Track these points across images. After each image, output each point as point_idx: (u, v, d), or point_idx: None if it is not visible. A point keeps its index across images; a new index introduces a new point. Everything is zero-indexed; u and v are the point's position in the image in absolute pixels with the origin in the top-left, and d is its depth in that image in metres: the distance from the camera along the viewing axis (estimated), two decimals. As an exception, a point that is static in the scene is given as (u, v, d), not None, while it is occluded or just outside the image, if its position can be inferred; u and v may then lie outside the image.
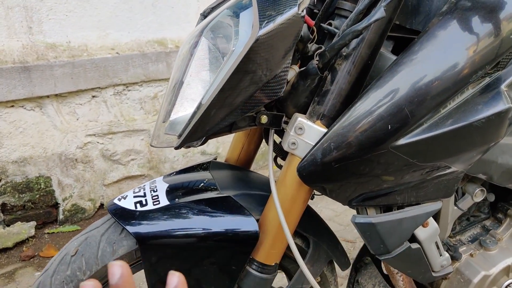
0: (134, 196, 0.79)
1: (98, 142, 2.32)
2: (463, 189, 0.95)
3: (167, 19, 2.46)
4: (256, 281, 0.79)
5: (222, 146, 2.85)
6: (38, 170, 2.15)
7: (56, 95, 2.15)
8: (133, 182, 2.51)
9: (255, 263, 0.79)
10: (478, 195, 0.93)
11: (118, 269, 0.31)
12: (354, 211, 0.83)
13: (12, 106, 2.04)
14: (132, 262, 0.77)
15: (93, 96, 2.27)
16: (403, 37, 0.80)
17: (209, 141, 2.73)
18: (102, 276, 0.75)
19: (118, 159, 2.41)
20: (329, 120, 0.71)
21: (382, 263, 1.08)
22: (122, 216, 0.75)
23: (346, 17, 0.77)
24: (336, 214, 2.26)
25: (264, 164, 3.02)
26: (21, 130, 2.08)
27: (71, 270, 0.74)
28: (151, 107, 2.49)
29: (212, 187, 0.82)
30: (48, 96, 2.13)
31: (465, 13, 0.67)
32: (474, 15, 0.66)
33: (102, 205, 2.40)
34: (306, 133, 0.71)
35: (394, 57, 0.77)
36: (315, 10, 0.83)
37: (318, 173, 0.70)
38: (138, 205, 0.77)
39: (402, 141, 0.67)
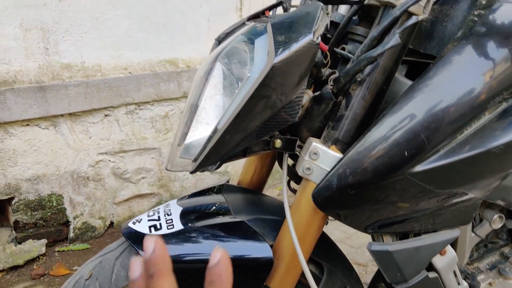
0: (149, 220, 0.79)
1: (109, 161, 2.33)
2: (481, 216, 0.93)
3: (178, 39, 2.50)
4: (270, 309, 0.77)
5: (231, 165, 2.85)
6: (50, 188, 2.17)
7: (70, 114, 2.17)
8: (143, 200, 2.51)
9: (269, 290, 0.77)
10: (496, 221, 0.91)
11: (151, 243, 0.30)
12: (365, 234, 0.81)
13: (28, 124, 2.07)
14: (145, 287, 0.76)
15: (106, 115, 2.30)
16: (417, 61, 0.80)
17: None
18: (115, 302, 0.75)
19: (129, 177, 2.42)
20: (344, 146, 0.71)
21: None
22: (137, 240, 0.75)
23: (359, 42, 0.77)
24: (347, 236, 2.23)
25: (273, 183, 3.00)
26: (35, 148, 2.11)
27: (84, 295, 0.73)
28: (162, 125, 2.51)
29: (225, 211, 0.82)
30: (62, 115, 2.16)
31: (480, 39, 0.66)
32: (490, 41, 0.66)
33: (112, 223, 2.40)
34: (321, 158, 0.71)
35: (408, 81, 0.76)
36: (328, 35, 0.83)
37: (334, 200, 0.69)
38: (152, 229, 0.76)
39: (418, 168, 0.66)
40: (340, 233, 2.24)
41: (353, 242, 2.18)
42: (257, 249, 0.75)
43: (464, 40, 0.67)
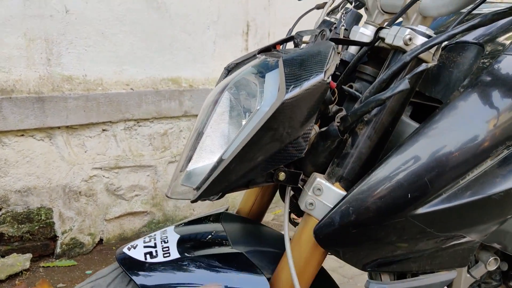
0: (145, 246, 0.78)
1: (103, 176, 2.32)
2: (477, 257, 0.93)
3: (183, 59, 2.52)
4: None
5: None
6: (40, 200, 2.14)
7: (67, 126, 2.17)
8: (135, 218, 2.48)
9: (264, 325, 0.76)
10: (491, 263, 0.91)
11: None
12: None
13: (22, 135, 2.06)
14: (138, 315, 0.75)
15: (104, 130, 2.29)
16: (422, 103, 0.82)
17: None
18: (107, 329, 0.73)
19: (122, 194, 2.39)
20: (348, 183, 0.71)
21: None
22: (131, 266, 0.73)
23: (367, 81, 0.79)
24: (339, 266, 2.21)
25: (269, 207, 2.99)
26: (28, 159, 2.09)
27: (75, 321, 0.72)
28: (160, 143, 2.51)
29: (223, 240, 0.81)
30: (59, 127, 2.15)
31: (486, 88, 0.68)
32: (495, 90, 0.67)
33: (101, 240, 2.37)
34: (325, 194, 0.71)
35: (413, 123, 0.78)
36: (336, 72, 0.85)
37: (335, 237, 0.69)
38: (148, 256, 0.75)
39: (420, 210, 0.67)
40: (333, 262, 2.22)
41: (345, 272, 2.16)
42: (254, 282, 0.74)
43: (470, 88, 0.68)
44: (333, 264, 2.22)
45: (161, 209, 2.56)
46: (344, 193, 0.70)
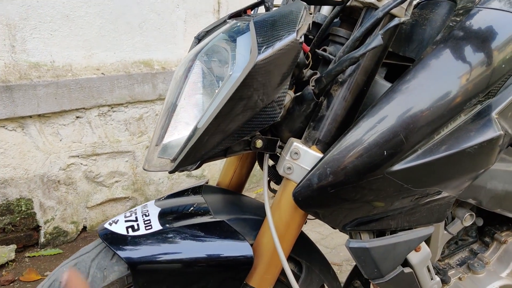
0: (126, 221, 0.77)
1: (81, 164, 2.27)
2: (453, 214, 0.96)
3: (153, 40, 2.47)
4: (250, 307, 0.77)
5: (208, 168, 2.83)
6: (19, 192, 2.09)
7: (39, 115, 2.11)
8: (117, 204, 2.46)
9: (249, 289, 0.77)
10: (467, 219, 0.94)
11: None
12: (341, 234, 0.83)
13: (-7, 126, 1.99)
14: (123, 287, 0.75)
15: (77, 117, 2.24)
16: (396, 64, 0.82)
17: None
18: (91, 305, 0.73)
19: (102, 181, 2.36)
20: (325, 145, 0.72)
21: (371, 286, 1.08)
22: (114, 241, 0.73)
23: (341, 43, 0.79)
24: (322, 237, 2.25)
25: (250, 187, 3.00)
26: (1, 151, 2.03)
27: (59, 298, 0.71)
28: (136, 128, 2.47)
29: (205, 211, 0.81)
30: (30, 116, 2.08)
31: (458, 43, 0.69)
32: (467, 45, 0.68)
33: (85, 228, 2.34)
34: (302, 158, 0.72)
35: (387, 84, 0.78)
36: (309, 36, 0.84)
37: (314, 198, 0.70)
38: (130, 229, 0.75)
39: (397, 167, 0.68)
40: (315, 234, 2.26)
41: (328, 243, 2.20)
42: (237, 248, 0.75)
43: (442, 43, 0.69)
44: (315, 236, 2.26)
45: (142, 194, 2.54)
46: (321, 155, 0.71)
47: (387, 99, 0.68)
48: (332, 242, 2.22)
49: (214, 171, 2.86)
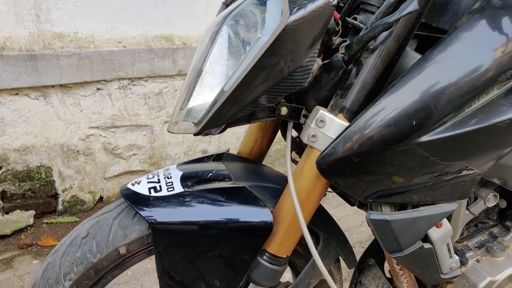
0: (148, 182, 0.78)
1: (100, 135, 2.31)
2: (476, 194, 0.94)
3: (175, 14, 2.46)
4: (267, 272, 0.78)
5: (223, 146, 2.84)
6: (39, 159, 2.13)
7: (61, 85, 2.13)
8: (134, 177, 2.49)
9: (267, 254, 0.78)
10: (490, 200, 0.92)
11: None
12: (354, 217, 0.82)
13: (17, 94, 2.03)
14: (143, 247, 0.76)
15: (98, 89, 2.26)
16: (427, 36, 0.80)
17: (211, 140, 2.71)
18: (113, 260, 0.74)
19: (120, 153, 2.39)
20: (352, 114, 0.71)
21: (387, 263, 1.07)
22: (136, 200, 0.74)
23: (372, 12, 0.77)
24: (336, 219, 2.25)
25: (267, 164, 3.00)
26: (24, 118, 2.07)
27: (81, 252, 0.73)
28: (155, 103, 2.48)
29: (226, 177, 0.82)
30: (53, 86, 2.11)
31: (496, 13, 0.67)
32: (505, 16, 0.66)
33: (101, 198, 2.39)
34: (327, 126, 0.71)
35: (418, 55, 0.76)
36: (340, 4, 0.83)
37: (338, 167, 0.70)
38: (152, 190, 0.76)
39: (425, 138, 0.67)
40: (329, 216, 2.26)
41: (341, 225, 2.18)
42: (257, 214, 0.75)
43: (479, 13, 0.67)
44: (330, 218, 2.25)
45: (159, 168, 2.56)
46: (347, 124, 0.70)
47: (419, 68, 0.67)
48: (346, 224, 2.22)
49: (232, 147, 2.87)
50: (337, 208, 2.35)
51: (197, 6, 2.52)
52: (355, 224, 2.23)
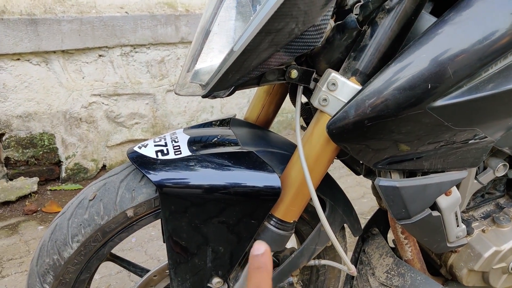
0: (155, 145, 0.77)
1: (103, 103, 2.28)
2: (485, 163, 0.93)
3: (179, -20, 2.39)
4: (274, 237, 0.78)
5: (225, 113, 2.82)
6: (42, 126, 2.12)
7: (62, 51, 2.10)
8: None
9: (274, 219, 0.77)
10: (500, 169, 0.91)
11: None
12: (356, 188, 0.81)
13: (18, 59, 1.99)
14: (151, 210, 0.76)
15: (100, 55, 2.22)
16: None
17: (213, 110, 2.68)
18: (120, 222, 0.74)
19: (122, 121, 2.38)
20: (365, 77, 0.69)
21: (392, 232, 1.08)
22: (143, 163, 0.73)
23: (387, -28, 0.74)
24: (339, 190, 2.26)
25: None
26: (26, 84, 2.04)
27: (88, 214, 0.73)
28: (158, 71, 2.45)
29: (233, 142, 0.80)
30: (54, 52, 2.08)
31: (516, -28, 0.64)
32: (527, -25, 0.63)
33: (104, 166, 2.39)
34: (339, 89, 0.69)
35: (433, 18, 0.74)
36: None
37: (349, 131, 0.68)
38: (159, 153, 0.75)
39: (440, 102, 0.65)
40: (331, 187, 2.27)
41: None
42: (265, 178, 0.74)
43: (498, -28, 0.64)
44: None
45: (162, 137, 2.56)
46: (360, 87, 0.68)
47: (435, 31, 0.64)
48: (349, 196, 2.22)
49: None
50: (339, 180, 2.34)
51: (201, -29, 2.45)
52: (357, 196, 2.23)
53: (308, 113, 0.89)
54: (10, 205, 2.00)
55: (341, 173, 2.47)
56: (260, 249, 0.34)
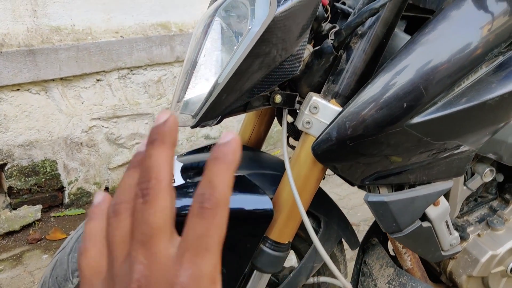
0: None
1: (103, 126, 2.32)
2: (473, 169, 0.96)
3: (171, 2, 2.44)
4: (270, 259, 0.80)
5: (225, 131, 2.85)
6: (44, 153, 2.16)
7: (61, 78, 2.14)
8: (138, 166, 2.52)
9: (269, 241, 0.80)
10: (487, 175, 0.94)
11: (165, 114, 0.27)
12: (358, 195, 0.84)
13: (18, 89, 2.04)
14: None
15: (98, 80, 2.27)
16: (416, 16, 0.80)
17: (215, 127, 2.69)
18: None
19: (123, 143, 2.42)
20: (344, 99, 0.72)
21: (390, 242, 1.10)
22: None
23: (361, -4, 0.77)
24: (340, 198, 2.28)
25: (268, 149, 3.03)
26: (26, 113, 2.08)
27: (89, 247, 0.75)
28: (155, 91, 2.49)
29: (225, 166, 0.83)
30: (53, 80, 2.12)
31: (481, -8, 0.67)
32: (490, -6, 0.66)
33: (107, 188, 2.42)
34: (321, 112, 0.72)
35: (407, 37, 0.77)
36: (329, -11, 0.83)
37: (333, 152, 0.71)
38: (153, 183, 0.77)
39: (416, 119, 0.68)
40: (333, 195, 2.27)
41: (345, 204, 2.23)
42: (257, 202, 0.77)
43: (463, -8, 0.67)
44: (333, 197, 2.25)
45: (163, 156, 2.59)
46: (340, 109, 0.71)
47: (407, 51, 0.67)
48: (350, 203, 2.24)
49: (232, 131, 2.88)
50: (341, 186, 2.37)
51: (191, -9, 2.50)
52: (359, 202, 2.25)
53: (296, 132, 0.92)
54: (14, 234, 2.03)
55: (342, 180, 2.49)
56: (226, 137, 0.26)
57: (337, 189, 2.33)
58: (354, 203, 2.24)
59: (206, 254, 0.24)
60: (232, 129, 2.84)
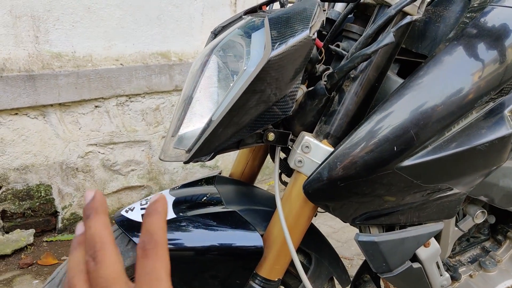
0: (141, 208, 0.80)
1: (99, 152, 2.33)
2: (464, 211, 0.96)
3: (171, 32, 2.49)
4: (259, 296, 0.79)
5: (221, 159, 2.86)
6: (39, 178, 2.15)
7: (59, 104, 2.16)
8: (132, 193, 2.51)
9: (258, 278, 0.79)
10: (479, 216, 0.94)
11: (91, 193, 0.33)
12: (352, 228, 0.84)
13: (16, 114, 2.05)
14: (137, 274, 0.78)
15: (96, 106, 2.29)
16: (409, 60, 0.83)
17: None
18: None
19: (118, 169, 2.41)
20: (336, 140, 0.73)
21: (381, 281, 1.09)
22: (129, 227, 0.76)
23: (354, 39, 0.80)
24: (334, 231, 2.26)
25: (263, 179, 3.02)
26: (23, 138, 2.09)
27: (76, 281, 0.74)
28: (153, 118, 2.51)
29: (217, 201, 0.83)
30: (52, 105, 2.14)
31: (471, 40, 0.69)
32: (480, 42, 0.68)
33: (100, 215, 2.40)
34: (313, 151, 0.73)
35: (399, 80, 0.79)
36: (323, 32, 0.85)
37: (324, 191, 0.72)
38: (145, 217, 0.77)
39: (406, 163, 0.69)
40: (327, 227, 2.27)
41: (339, 237, 2.21)
42: (248, 238, 0.77)
43: (455, 40, 0.69)
44: (326, 230, 2.26)
45: (157, 183, 2.59)
46: (332, 149, 0.72)
47: (399, 95, 0.69)
48: (344, 236, 2.22)
49: (228, 162, 2.89)
50: (335, 219, 2.35)
51: (192, 23, 2.56)
52: (352, 236, 2.23)
53: (289, 168, 0.93)
54: (6, 258, 2.00)
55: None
56: (155, 197, 0.34)
57: (331, 221, 2.32)
58: (347, 237, 2.23)
59: (159, 284, 0.30)
60: (229, 155, 2.85)
